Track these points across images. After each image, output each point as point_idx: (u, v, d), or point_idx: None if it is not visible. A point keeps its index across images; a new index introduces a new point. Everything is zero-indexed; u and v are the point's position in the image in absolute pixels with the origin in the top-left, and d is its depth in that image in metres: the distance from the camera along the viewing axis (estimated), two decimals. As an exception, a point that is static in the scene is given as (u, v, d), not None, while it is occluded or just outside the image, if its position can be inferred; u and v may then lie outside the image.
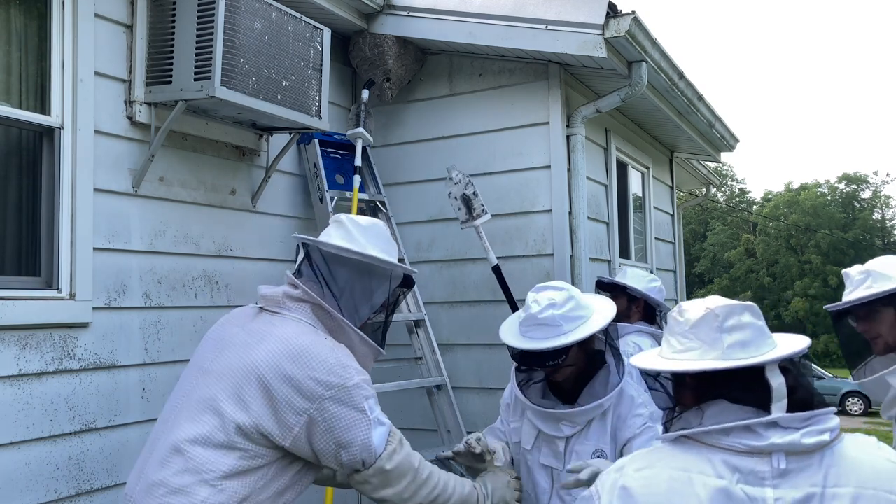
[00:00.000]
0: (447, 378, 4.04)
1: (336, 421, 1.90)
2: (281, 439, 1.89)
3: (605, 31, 3.70)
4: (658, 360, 1.59)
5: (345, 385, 1.91)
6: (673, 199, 6.76)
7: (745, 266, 36.31)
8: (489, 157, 4.27)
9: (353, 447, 1.92)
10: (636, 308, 3.62)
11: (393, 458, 1.97)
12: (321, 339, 1.98)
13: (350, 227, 2.15)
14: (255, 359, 1.91)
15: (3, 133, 2.77)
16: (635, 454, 1.56)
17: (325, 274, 2.09)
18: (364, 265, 2.11)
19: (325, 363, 1.91)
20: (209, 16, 2.99)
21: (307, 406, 1.88)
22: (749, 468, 1.39)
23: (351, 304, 2.08)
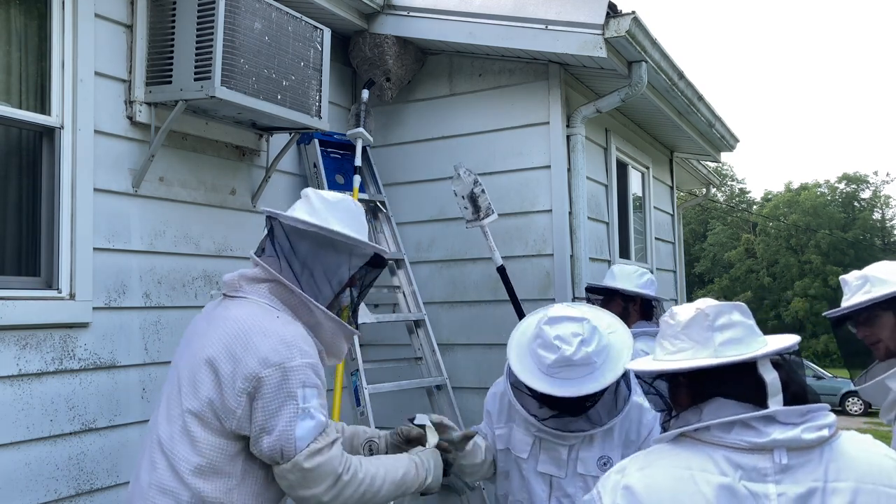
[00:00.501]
0: (447, 378, 4.05)
1: (266, 401, 1.80)
2: (228, 422, 1.83)
3: (605, 31, 3.70)
4: (652, 363, 1.60)
5: (283, 364, 1.82)
6: (673, 199, 6.75)
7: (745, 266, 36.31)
8: (489, 157, 4.27)
9: (273, 434, 1.80)
10: (634, 308, 3.60)
11: (314, 458, 1.82)
12: (270, 317, 1.90)
13: (315, 200, 2.07)
14: (206, 344, 1.88)
15: (3, 133, 2.77)
16: (636, 455, 1.56)
17: (284, 249, 2.01)
18: (325, 240, 2.02)
19: (268, 340, 1.84)
20: (209, 16, 2.99)
21: (246, 385, 1.81)
22: (751, 465, 1.40)
23: (312, 281, 1.99)
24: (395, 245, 4.30)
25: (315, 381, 1.86)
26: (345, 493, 1.86)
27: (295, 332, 1.89)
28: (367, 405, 3.63)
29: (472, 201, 3.84)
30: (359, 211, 2.14)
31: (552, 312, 2.32)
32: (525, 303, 4.09)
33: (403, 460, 2.08)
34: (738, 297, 34.24)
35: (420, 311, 4.16)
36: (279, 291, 1.96)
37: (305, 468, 1.80)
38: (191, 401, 1.84)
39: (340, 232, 2.03)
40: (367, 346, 4.36)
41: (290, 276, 1.97)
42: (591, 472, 2.35)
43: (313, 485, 1.82)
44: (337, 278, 2.04)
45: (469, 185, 3.83)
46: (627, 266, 3.83)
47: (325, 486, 1.82)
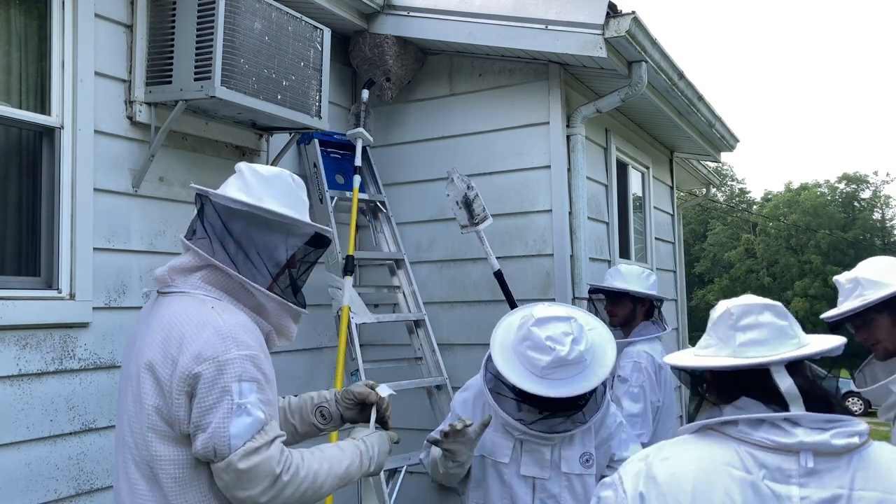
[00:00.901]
0: (447, 378, 4.05)
1: (200, 397, 1.68)
2: (176, 428, 1.72)
3: (605, 31, 3.70)
4: (682, 356, 1.61)
5: (217, 358, 1.69)
6: (673, 199, 6.75)
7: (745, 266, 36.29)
8: (489, 157, 4.27)
9: (207, 431, 1.67)
10: (641, 308, 3.60)
11: (250, 457, 1.67)
12: (204, 310, 1.77)
13: (249, 176, 1.93)
14: (144, 349, 1.77)
15: (3, 133, 2.77)
16: (661, 444, 1.55)
17: (217, 230, 1.87)
18: (260, 219, 1.89)
19: (202, 335, 1.72)
20: (209, 16, 2.99)
21: (183, 386, 1.69)
22: (776, 465, 1.38)
23: (248, 263, 1.87)
24: (395, 245, 4.29)
25: (254, 374, 1.73)
26: (284, 494, 1.73)
27: (231, 322, 1.76)
28: (367, 405, 3.62)
29: (466, 206, 3.83)
30: (297, 187, 2.00)
31: (538, 313, 2.29)
32: (525, 303, 4.09)
33: (349, 451, 1.95)
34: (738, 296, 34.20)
35: (420, 311, 4.16)
36: (214, 277, 1.84)
37: (240, 469, 1.66)
38: (142, 415, 1.74)
39: (276, 211, 1.90)
40: (367, 346, 4.36)
41: (225, 259, 1.85)
42: (575, 471, 2.36)
43: (249, 486, 1.68)
44: (274, 259, 1.91)
45: (462, 189, 3.82)
46: (632, 266, 3.82)
47: (261, 488, 1.69)
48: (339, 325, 3.65)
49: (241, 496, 1.70)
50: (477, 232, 3.85)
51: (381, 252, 4.31)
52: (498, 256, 4.17)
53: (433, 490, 4.29)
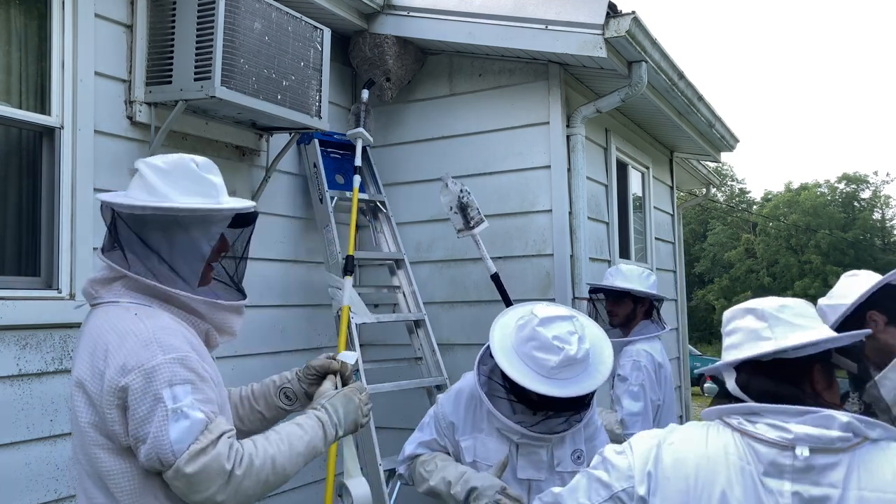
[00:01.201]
0: (447, 378, 4.04)
1: (133, 410, 1.61)
2: (116, 441, 1.66)
3: (605, 31, 3.70)
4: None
5: (143, 367, 1.62)
6: (673, 199, 6.75)
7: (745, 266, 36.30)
8: (489, 157, 4.27)
9: (147, 442, 1.60)
10: (641, 308, 3.60)
11: (197, 459, 1.60)
12: (126, 318, 1.69)
13: (149, 175, 1.79)
14: (76, 366, 1.71)
15: (3, 133, 2.77)
16: (672, 427, 1.62)
17: (126, 239, 1.76)
18: (170, 219, 1.77)
19: (125, 345, 1.64)
20: (209, 16, 2.99)
21: (113, 399, 1.63)
22: (770, 459, 1.41)
23: (166, 267, 1.76)
24: (395, 245, 4.29)
25: (186, 375, 1.65)
26: (243, 487, 1.66)
27: (153, 326, 1.68)
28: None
29: (461, 210, 3.82)
30: (202, 170, 1.85)
31: (540, 313, 2.27)
32: (524, 303, 4.09)
33: (308, 424, 1.85)
34: (738, 297, 34.23)
35: (420, 311, 4.16)
36: (136, 285, 1.75)
37: (188, 473, 1.59)
38: (81, 432, 1.68)
39: (184, 207, 1.77)
40: (367, 346, 4.36)
41: (140, 269, 1.75)
42: (568, 469, 2.35)
43: (203, 488, 1.61)
44: (195, 256, 1.80)
45: (456, 194, 3.80)
46: (633, 266, 3.81)
47: (215, 487, 1.62)
48: (339, 325, 3.65)
49: (199, 499, 1.63)
50: (473, 236, 3.85)
51: (381, 252, 4.31)
52: (498, 256, 4.17)
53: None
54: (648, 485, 1.52)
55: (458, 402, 2.46)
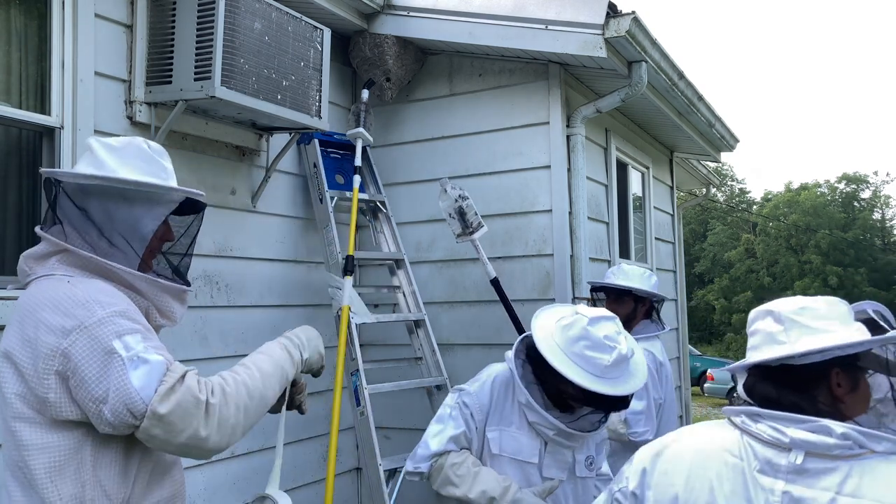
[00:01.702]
0: (447, 378, 4.04)
1: (83, 372, 1.51)
2: (46, 412, 1.55)
3: (605, 31, 3.70)
4: None
5: (84, 325, 1.53)
6: (673, 199, 6.76)
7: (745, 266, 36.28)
8: (489, 157, 4.27)
9: (110, 399, 1.50)
10: (642, 308, 3.60)
11: (168, 398, 1.51)
12: (59, 284, 1.62)
13: (98, 150, 1.75)
14: (4, 340, 1.63)
15: (3, 133, 2.78)
16: (683, 427, 1.66)
17: (69, 213, 1.69)
18: (115, 191, 1.70)
19: (59, 308, 1.55)
20: (209, 16, 3.00)
21: (50, 364, 1.52)
22: (767, 458, 1.42)
23: (108, 244, 1.69)
24: (395, 245, 4.29)
25: (131, 326, 1.57)
26: (224, 416, 1.58)
27: (89, 289, 1.60)
28: (367, 405, 3.63)
29: (459, 215, 3.80)
30: (154, 152, 1.81)
31: (587, 313, 2.27)
32: (525, 303, 4.10)
33: (270, 348, 1.83)
34: (738, 296, 34.22)
35: (420, 311, 4.16)
36: (72, 259, 1.67)
37: (163, 414, 1.50)
38: (5, 406, 1.59)
39: (131, 179, 1.71)
40: (367, 346, 4.36)
41: (79, 242, 1.68)
42: (583, 474, 2.38)
43: (184, 426, 1.53)
44: (138, 234, 1.73)
45: (454, 199, 3.78)
46: (634, 266, 3.81)
47: (197, 421, 1.54)
48: (339, 325, 3.65)
49: (183, 440, 1.53)
50: (472, 241, 3.83)
51: (381, 252, 4.31)
52: (498, 256, 4.17)
53: (433, 490, 4.29)
54: (641, 480, 1.57)
55: (491, 392, 2.41)
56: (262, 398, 1.71)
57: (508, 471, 2.34)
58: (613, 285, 3.59)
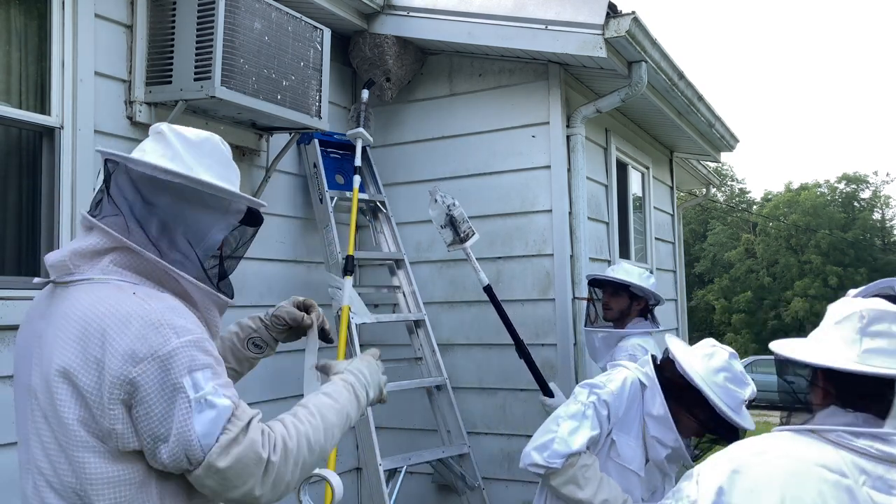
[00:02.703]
0: (447, 378, 4.04)
1: (148, 406, 1.40)
2: (110, 442, 1.42)
3: (604, 32, 3.70)
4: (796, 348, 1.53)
5: (157, 354, 1.40)
6: (673, 199, 6.76)
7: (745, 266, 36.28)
8: (489, 157, 4.27)
9: (170, 440, 1.40)
10: (637, 305, 3.61)
11: (229, 451, 1.41)
12: (125, 298, 1.46)
13: (174, 140, 1.60)
14: (55, 352, 1.45)
15: (3, 133, 2.78)
16: (752, 439, 1.49)
17: (134, 205, 1.54)
18: (192, 193, 1.56)
19: (129, 329, 1.41)
20: (209, 16, 3.00)
21: (117, 393, 1.39)
22: (878, 474, 1.35)
23: (173, 246, 1.56)
24: (395, 245, 4.29)
25: (204, 360, 1.44)
26: (280, 475, 1.47)
27: (160, 307, 1.46)
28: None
29: (450, 224, 3.77)
30: (228, 152, 1.69)
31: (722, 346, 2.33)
32: (525, 303, 4.10)
33: (338, 392, 1.67)
34: (738, 296, 34.24)
35: (420, 311, 4.16)
36: (129, 260, 1.51)
37: (222, 468, 1.40)
38: (66, 432, 1.42)
39: (218, 185, 1.58)
40: (367, 346, 4.35)
41: (143, 240, 1.52)
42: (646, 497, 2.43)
43: (240, 483, 1.43)
44: (207, 241, 1.61)
45: (444, 208, 3.73)
46: (632, 265, 3.83)
47: (253, 480, 1.44)
48: (339, 325, 3.65)
49: (237, 496, 1.44)
50: (464, 249, 3.78)
51: (381, 252, 4.31)
52: (498, 256, 4.18)
53: (433, 490, 4.29)
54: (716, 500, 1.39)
55: (628, 397, 2.38)
56: (322, 452, 1.58)
57: (614, 476, 2.33)
58: (612, 279, 3.61)
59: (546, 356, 4.03)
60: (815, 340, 1.51)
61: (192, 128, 1.66)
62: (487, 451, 4.15)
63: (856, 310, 1.46)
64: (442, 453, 3.90)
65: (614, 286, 3.58)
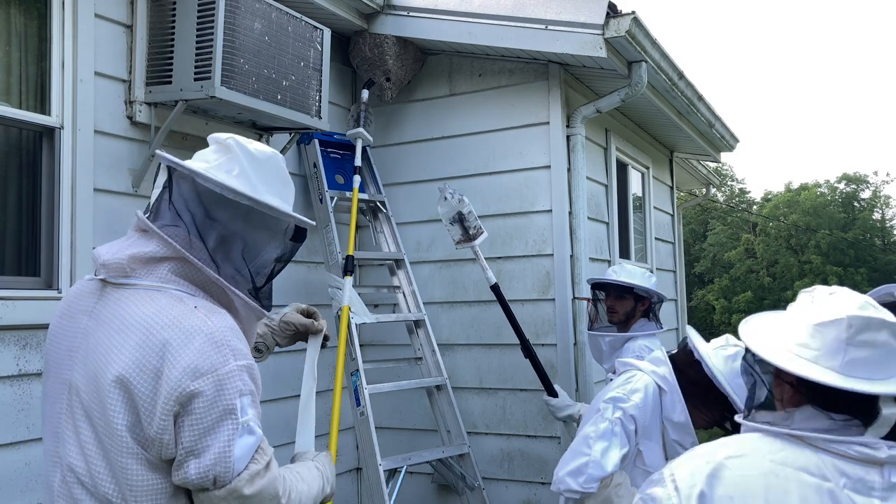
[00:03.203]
0: (447, 378, 4.05)
1: (197, 418, 1.42)
2: (153, 451, 1.44)
3: (605, 32, 3.70)
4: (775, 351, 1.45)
5: (216, 371, 1.44)
6: (673, 199, 6.76)
7: (745, 266, 36.27)
8: (489, 157, 4.27)
9: (206, 456, 1.42)
10: (641, 307, 3.60)
11: (255, 481, 1.46)
12: (187, 311, 1.49)
13: (242, 157, 1.62)
14: (111, 358, 1.46)
15: (3, 133, 2.78)
16: (723, 441, 1.42)
17: (197, 218, 1.57)
18: (255, 215, 1.61)
19: (192, 343, 1.44)
20: (209, 16, 3.00)
21: (172, 406, 1.42)
22: (858, 476, 1.33)
23: (228, 261, 1.60)
24: (395, 245, 4.30)
25: (251, 386, 1.50)
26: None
27: (221, 325, 1.50)
28: (367, 405, 3.63)
29: (459, 222, 3.75)
30: (287, 171, 1.75)
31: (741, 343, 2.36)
32: (525, 303, 4.10)
33: (314, 472, 1.75)
34: (738, 296, 34.23)
35: (420, 311, 4.16)
36: (186, 271, 1.54)
37: (246, 495, 1.44)
38: (113, 438, 1.44)
39: (284, 211, 1.65)
40: (367, 346, 4.36)
41: (203, 255, 1.56)
42: None
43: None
44: (261, 259, 1.67)
45: (455, 206, 3.72)
46: (633, 266, 3.82)
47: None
48: (339, 325, 3.65)
49: None
50: (472, 247, 3.77)
51: (381, 252, 4.31)
52: (498, 256, 4.18)
53: (433, 490, 4.29)
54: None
55: (651, 406, 2.34)
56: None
57: (639, 482, 2.29)
58: (616, 282, 3.59)
59: (546, 356, 4.02)
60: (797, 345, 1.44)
61: (255, 142, 1.70)
62: (487, 451, 4.15)
63: (842, 316, 1.40)
64: (442, 453, 3.90)
65: (618, 289, 3.57)
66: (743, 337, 1.50)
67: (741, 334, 1.51)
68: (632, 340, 3.47)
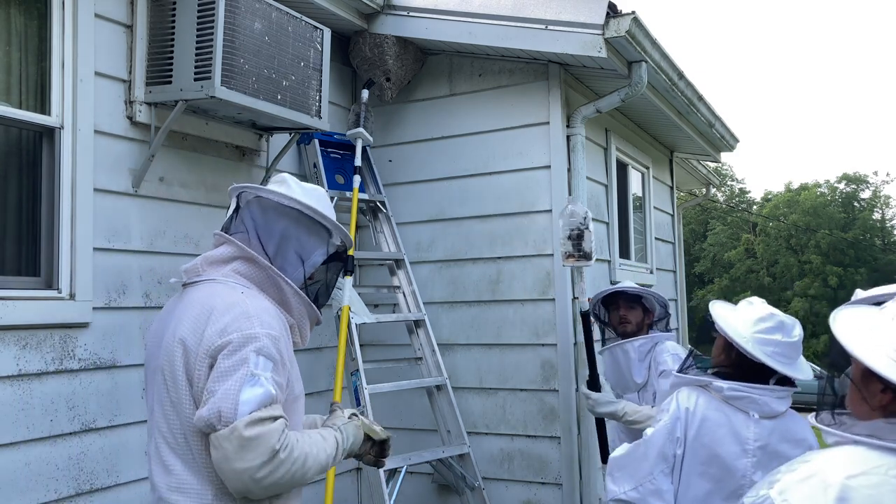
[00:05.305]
0: (447, 378, 4.04)
1: (219, 364, 1.74)
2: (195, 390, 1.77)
3: (605, 32, 3.69)
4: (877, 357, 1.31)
5: (242, 331, 1.76)
6: (673, 199, 6.75)
7: (745, 266, 36.28)
8: (489, 157, 4.27)
9: (217, 395, 1.70)
10: (647, 319, 3.60)
11: (255, 426, 1.67)
12: (234, 293, 1.85)
13: (293, 184, 2.06)
14: (177, 329, 1.84)
15: (3, 133, 2.77)
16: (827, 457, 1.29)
17: (259, 225, 1.97)
18: (304, 220, 2.02)
19: (230, 313, 1.78)
20: (209, 16, 3.00)
21: (207, 359, 1.76)
22: None
23: (285, 261, 1.97)
24: (395, 245, 4.29)
25: (273, 353, 1.78)
26: (278, 472, 1.72)
27: (259, 306, 1.84)
28: (367, 405, 3.63)
29: (577, 238, 3.65)
30: (329, 202, 2.15)
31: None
32: (525, 303, 4.10)
33: (330, 440, 1.94)
34: (738, 296, 34.21)
35: (420, 311, 4.16)
36: (246, 269, 1.92)
37: (245, 436, 1.66)
38: (179, 388, 1.79)
39: (324, 213, 2.03)
40: (367, 346, 4.36)
41: (261, 252, 1.94)
42: None
43: (249, 456, 1.67)
44: (311, 261, 2.03)
45: (580, 220, 3.63)
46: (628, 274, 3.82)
47: (260, 461, 1.68)
48: (339, 325, 3.65)
49: (240, 467, 1.68)
50: (577, 267, 3.68)
51: (381, 252, 4.31)
52: (498, 256, 4.18)
53: (433, 490, 4.29)
54: None
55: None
56: (304, 476, 1.81)
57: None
58: (626, 290, 3.58)
59: (546, 356, 4.03)
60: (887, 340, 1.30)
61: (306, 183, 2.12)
62: (487, 451, 4.15)
63: None
64: (442, 453, 3.90)
65: (628, 297, 3.56)
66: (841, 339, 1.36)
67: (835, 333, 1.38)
68: (659, 343, 3.45)
